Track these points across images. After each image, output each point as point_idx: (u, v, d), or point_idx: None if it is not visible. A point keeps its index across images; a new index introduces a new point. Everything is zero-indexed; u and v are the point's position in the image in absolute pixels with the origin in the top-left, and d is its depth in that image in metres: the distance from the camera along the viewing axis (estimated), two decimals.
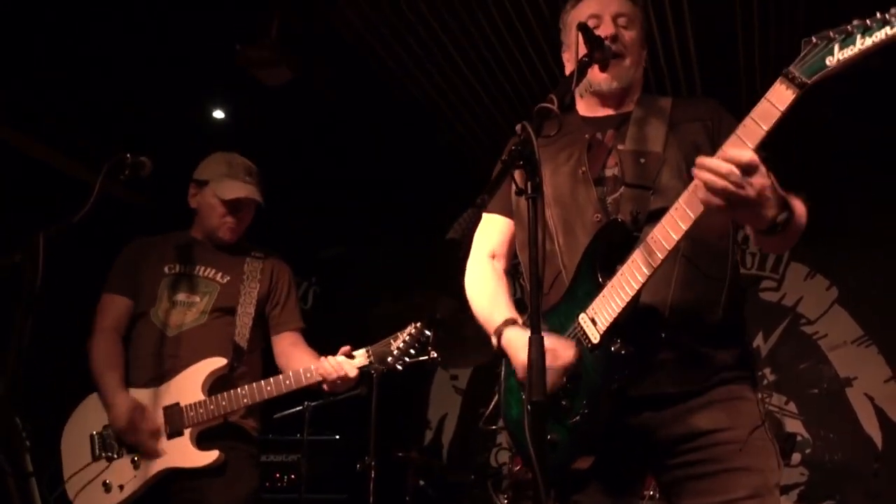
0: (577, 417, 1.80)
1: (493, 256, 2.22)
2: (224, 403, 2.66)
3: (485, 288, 2.16)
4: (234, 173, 2.95)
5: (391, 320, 3.78)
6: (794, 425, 5.00)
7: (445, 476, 4.83)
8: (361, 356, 2.72)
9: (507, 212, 2.20)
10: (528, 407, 1.42)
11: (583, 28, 1.94)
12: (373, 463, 4.21)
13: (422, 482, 4.56)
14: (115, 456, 2.67)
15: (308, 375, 2.69)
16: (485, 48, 4.65)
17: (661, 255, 1.68)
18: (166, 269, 2.90)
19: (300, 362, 2.82)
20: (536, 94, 5.08)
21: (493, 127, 5.60)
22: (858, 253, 5.07)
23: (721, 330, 1.89)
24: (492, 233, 2.23)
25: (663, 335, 1.80)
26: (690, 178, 1.67)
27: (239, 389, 2.67)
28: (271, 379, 2.71)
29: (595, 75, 2.04)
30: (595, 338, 1.80)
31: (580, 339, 1.84)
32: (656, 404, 1.85)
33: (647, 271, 1.71)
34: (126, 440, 2.64)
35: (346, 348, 2.73)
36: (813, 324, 5.18)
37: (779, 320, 5.26)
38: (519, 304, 2.09)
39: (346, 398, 4.50)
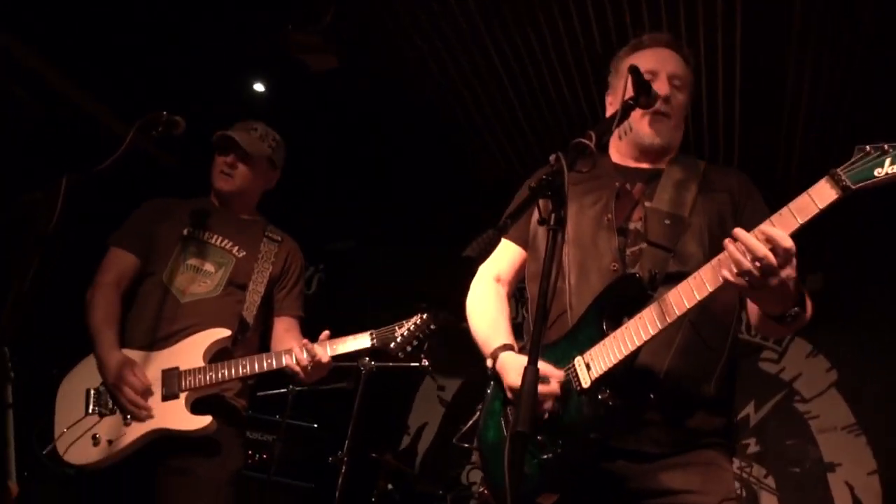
0: (550, 455, 1.81)
1: (499, 280, 2.25)
2: (224, 372, 2.64)
3: (487, 309, 2.18)
4: (231, 128, 2.97)
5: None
6: (769, 500, 4.95)
7: (414, 485, 4.81)
8: (365, 338, 2.70)
9: (521, 241, 2.22)
10: (510, 436, 1.41)
11: (634, 71, 1.95)
12: (346, 458, 4.22)
13: (390, 486, 4.55)
14: (108, 412, 2.64)
15: (299, 358, 2.66)
16: (530, 64, 4.67)
17: (669, 319, 1.70)
18: (185, 232, 2.88)
19: (290, 344, 2.82)
20: (573, 118, 5.11)
21: (523, 145, 5.62)
22: (868, 345, 5.01)
23: (711, 401, 1.90)
24: (502, 258, 2.26)
25: (652, 396, 1.80)
26: (711, 246, 1.77)
27: (239, 359, 2.67)
28: (272, 354, 2.70)
29: (641, 126, 2.09)
30: (586, 382, 1.80)
31: (571, 379, 1.84)
32: (633, 458, 1.84)
33: (652, 331, 1.72)
34: (116, 398, 2.62)
35: (325, 333, 2.71)
36: (807, 402, 5.14)
37: (773, 393, 5.22)
38: (517, 329, 2.12)
39: (331, 390, 4.52)
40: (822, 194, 1.55)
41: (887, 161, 1.51)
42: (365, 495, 4.41)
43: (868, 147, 1.55)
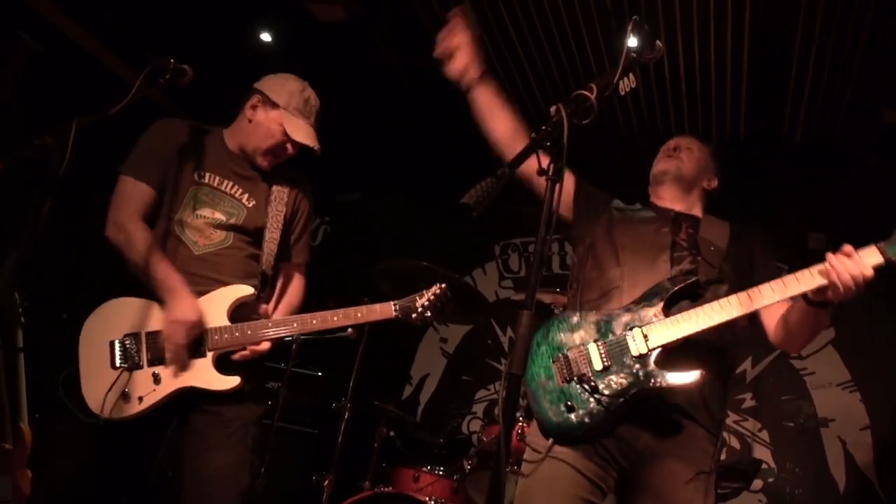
0: (597, 398, 2.18)
1: None
2: (250, 333, 2.61)
3: None
4: (308, 112, 2.85)
5: (392, 276, 3.86)
6: (762, 453, 5.05)
7: (416, 433, 4.92)
8: (389, 308, 2.68)
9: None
10: (505, 375, 1.48)
11: (637, 22, 1.97)
12: (348, 405, 4.31)
13: (392, 433, 4.64)
14: (137, 367, 2.60)
15: (327, 321, 2.65)
16: (538, 20, 4.65)
17: (755, 307, 2.09)
18: (196, 177, 2.74)
19: (291, 296, 2.86)
20: (579, 75, 5.10)
21: (531, 98, 5.61)
22: (866, 303, 5.01)
23: (721, 399, 2.35)
24: None
25: (700, 374, 2.10)
26: (737, 275, 2.31)
27: (268, 321, 2.66)
28: (298, 318, 2.69)
29: (656, 164, 2.64)
30: (644, 349, 2.17)
31: (629, 345, 2.20)
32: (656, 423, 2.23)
33: (735, 313, 2.10)
34: (185, 335, 2.56)
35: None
36: (803, 359, 5.21)
37: (770, 349, 5.26)
38: None
39: (335, 339, 4.59)
40: (871, 256, 2.04)
41: None
42: (367, 442, 4.50)
43: None
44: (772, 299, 2.07)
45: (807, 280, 2.05)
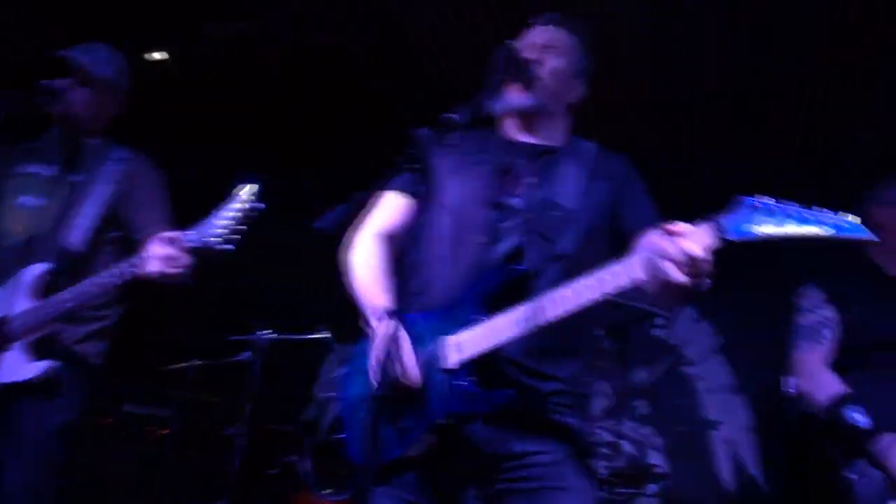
0: (406, 427, 1.82)
1: (391, 238, 2.13)
2: (49, 310, 2.45)
3: (372, 263, 2.07)
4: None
5: None
6: (656, 457, 5.21)
7: (319, 456, 4.83)
8: (178, 241, 2.35)
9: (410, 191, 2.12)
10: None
11: (507, 48, 1.99)
12: (244, 430, 4.22)
13: (294, 458, 4.56)
14: None
15: (123, 272, 2.39)
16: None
17: (539, 322, 1.70)
18: (12, 171, 2.71)
19: None
20: None
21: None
22: (748, 309, 5.27)
23: (566, 397, 1.92)
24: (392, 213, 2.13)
25: (517, 391, 1.79)
26: (587, 240, 1.89)
27: (63, 293, 2.45)
28: (95, 283, 2.43)
29: (511, 92, 2.02)
30: (452, 363, 1.80)
31: (438, 356, 1.83)
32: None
33: (518, 330, 1.73)
34: None
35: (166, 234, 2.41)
36: (694, 366, 5.41)
37: (664, 357, 5.45)
38: None
39: (232, 363, 4.50)
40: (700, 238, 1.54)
41: (758, 218, 1.51)
42: (266, 467, 4.42)
43: (745, 200, 1.53)
44: (566, 307, 1.67)
45: (614, 279, 1.63)
